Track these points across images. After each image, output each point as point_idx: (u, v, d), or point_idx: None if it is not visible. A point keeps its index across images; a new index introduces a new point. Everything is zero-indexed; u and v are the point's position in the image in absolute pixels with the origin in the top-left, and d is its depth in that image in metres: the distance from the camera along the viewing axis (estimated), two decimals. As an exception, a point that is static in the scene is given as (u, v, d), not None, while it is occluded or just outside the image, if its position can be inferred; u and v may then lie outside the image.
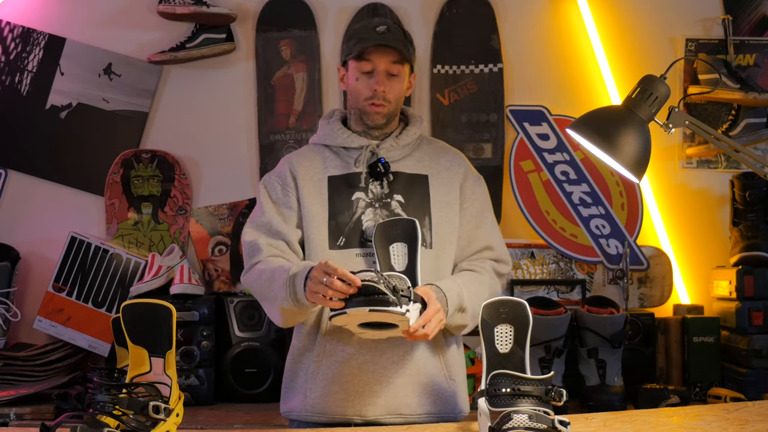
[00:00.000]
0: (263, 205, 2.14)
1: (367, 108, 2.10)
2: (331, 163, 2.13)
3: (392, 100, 2.10)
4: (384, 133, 2.15)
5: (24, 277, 3.14)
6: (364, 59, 2.07)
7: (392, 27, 2.10)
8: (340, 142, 2.14)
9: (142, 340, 1.65)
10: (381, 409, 2.01)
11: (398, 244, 1.99)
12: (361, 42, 2.07)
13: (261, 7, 3.27)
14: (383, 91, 2.07)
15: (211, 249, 3.23)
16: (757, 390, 2.84)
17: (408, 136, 2.15)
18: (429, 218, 2.09)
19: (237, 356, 2.99)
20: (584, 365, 2.88)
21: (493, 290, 2.11)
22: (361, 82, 2.09)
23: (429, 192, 2.11)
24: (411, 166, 2.13)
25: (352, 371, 2.02)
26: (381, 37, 2.05)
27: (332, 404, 2.02)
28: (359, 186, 2.08)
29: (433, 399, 2.05)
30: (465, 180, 2.17)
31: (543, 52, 3.30)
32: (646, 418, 1.87)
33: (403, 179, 2.10)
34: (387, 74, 2.08)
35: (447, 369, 2.08)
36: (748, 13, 3.28)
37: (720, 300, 3.12)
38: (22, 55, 3.23)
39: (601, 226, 3.22)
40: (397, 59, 2.07)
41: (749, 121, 3.20)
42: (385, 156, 2.10)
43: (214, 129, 3.28)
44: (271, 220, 2.10)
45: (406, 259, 1.98)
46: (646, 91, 1.85)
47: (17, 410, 2.69)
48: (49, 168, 3.23)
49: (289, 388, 2.11)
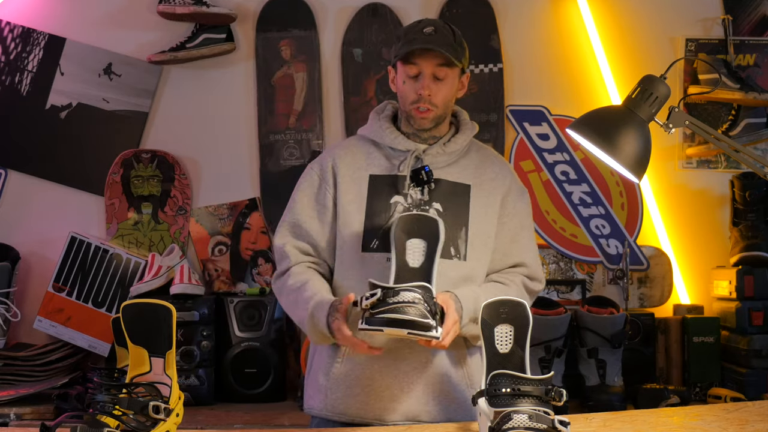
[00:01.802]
0: (297, 196, 2.12)
1: (413, 113, 2.06)
2: (375, 161, 2.10)
3: (439, 104, 2.05)
4: (432, 136, 2.10)
5: (24, 277, 3.14)
6: (411, 62, 2.03)
7: (440, 28, 2.04)
8: (387, 142, 2.09)
9: (142, 340, 1.65)
10: (400, 414, 2.00)
11: (416, 240, 1.92)
12: (408, 44, 2.02)
13: (261, 7, 3.27)
14: (428, 95, 2.03)
15: (211, 249, 3.23)
16: (757, 390, 2.84)
17: (456, 143, 2.10)
18: (466, 229, 2.04)
19: (237, 356, 2.98)
20: (584, 365, 2.88)
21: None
22: (407, 85, 2.05)
23: (469, 203, 2.07)
24: (455, 174, 2.09)
25: (373, 375, 2.00)
26: (427, 39, 2.01)
27: (352, 406, 2.01)
28: (400, 190, 2.05)
29: (454, 407, 2.03)
30: (508, 193, 2.12)
31: (543, 52, 3.30)
32: (646, 418, 1.87)
33: (445, 187, 2.06)
34: (433, 77, 2.03)
35: (469, 378, 2.05)
36: (748, 13, 3.28)
37: (720, 300, 3.12)
38: (22, 55, 3.23)
39: (601, 226, 3.22)
40: (443, 62, 2.02)
41: (749, 121, 3.20)
42: (431, 162, 2.06)
43: (214, 129, 3.28)
44: (300, 218, 2.09)
45: (423, 257, 1.92)
46: (646, 91, 1.85)
47: (17, 410, 2.69)
48: (49, 168, 3.23)
49: (311, 385, 2.10)
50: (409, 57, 2.02)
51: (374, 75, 3.26)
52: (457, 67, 2.06)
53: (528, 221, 2.16)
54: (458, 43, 2.05)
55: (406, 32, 2.06)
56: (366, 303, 1.74)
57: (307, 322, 1.98)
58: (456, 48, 2.04)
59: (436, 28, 2.03)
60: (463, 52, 2.07)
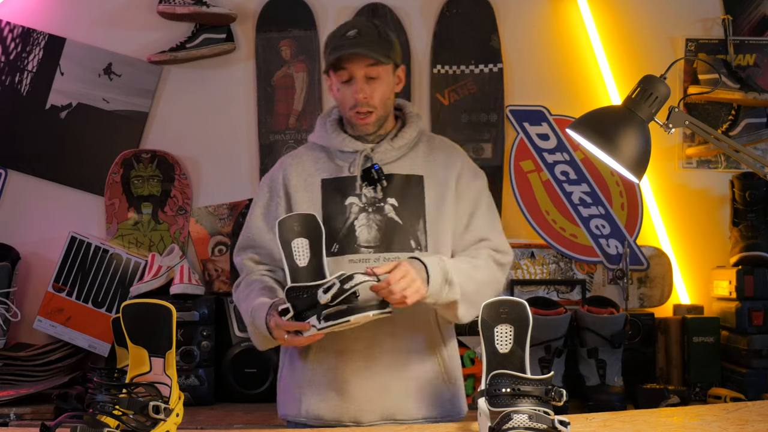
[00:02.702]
0: (250, 213, 2.16)
1: (354, 119, 2.06)
2: (325, 166, 2.10)
3: (377, 105, 2.04)
4: (378, 135, 2.10)
5: (24, 277, 3.14)
6: (341, 68, 2.02)
7: (364, 29, 2.02)
8: (335, 145, 2.10)
9: (142, 340, 1.65)
10: (376, 415, 2.00)
11: (300, 239, 1.93)
12: (334, 51, 2.01)
13: (261, 7, 3.27)
14: (364, 98, 2.01)
15: (211, 249, 3.23)
16: (757, 390, 2.84)
17: (404, 137, 2.10)
18: (423, 221, 2.04)
19: (237, 356, 2.99)
20: (584, 365, 2.88)
21: (492, 276, 2.05)
22: (342, 91, 2.04)
23: (424, 193, 2.06)
24: (406, 167, 2.08)
25: (347, 377, 2.00)
26: (351, 42, 1.99)
27: (328, 410, 2.01)
28: (353, 191, 2.04)
29: (430, 402, 2.03)
30: (461, 175, 2.11)
31: (543, 52, 3.30)
32: (646, 418, 1.87)
33: (398, 181, 2.06)
34: (366, 79, 2.01)
35: (446, 372, 2.06)
36: (748, 13, 3.28)
37: (720, 300, 3.12)
38: (22, 55, 3.23)
39: (601, 226, 3.22)
40: (372, 62, 2.01)
41: (749, 121, 3.20)
42: (380, 160, 2.06)
43: (214, 129, 3.28)
44: (252, 233, 2.13)
45: (309, 255, 1.93)
46: (646, 91, 1.85)
47: (17, 410, 2.69)
48: (49, 168, 3.23)
49: (285, 393, 2.11)
50: (337, 64, 2.01)
51: (374, 75, 3.25)
52: (389, 63, 2.04)
53: (485, 197, 2.13)
54: (384, 39, 2.03)
55: (331, 39, 2.05)
56: (326, 297, 1.74)
57: (249, 327, 2.00)
58: (383, 45, 2.02)
59: (359, 29, 2.01)
60: (392, 46, 2.05)
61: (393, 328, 1.99)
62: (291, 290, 1.83)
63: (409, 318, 1.99)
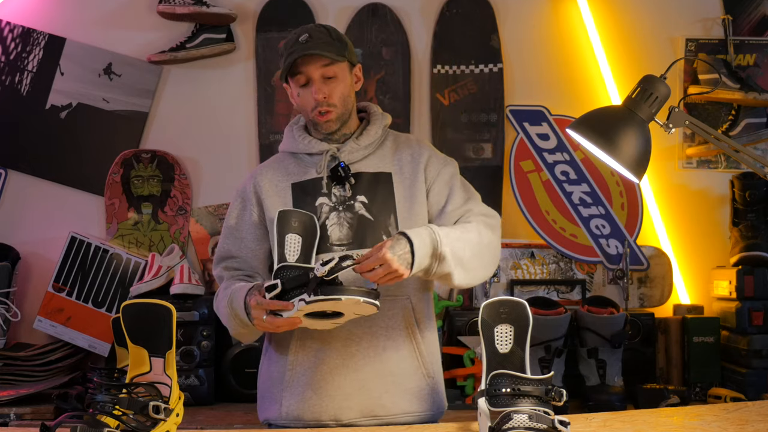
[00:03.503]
0: (225, 228, 2.16)
1: (316, 119, 2.07)
2: (294, 170, 2.12)
3: (338, 103, 2.06)
4: (344, 135, 2.11)
5: (24, 277, 3.14)
6: (297, 73, 2.05)
7: (314, 32, 2.05)
8: (302, 149, 2.12)
9: (142, 340, 1.65)
10: (355, 412, 2.00)
11: (294, 235, 1.94)
12: (289, 57, 2.04)
13: (261, 7, 3.27)
14: (323, 97, 2.04)
15: (211, 249, 3.23)
16: (757, 390, 2.84)
17: (369, 136, 2.11)
18: (395, 216, 2.05)
19: (237, 356, 2.99)
20: (584, 365, 2.88)
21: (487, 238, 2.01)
22: (302, 95, 2.07)
23: (393, 189, 2.07)
24: (374, 165, 2.09)
25: (324, 376, 2.01)
26: (304, 46, 2.02)
27: (307, 410, 2.01)
28: (322, 191, 2.06)
29: (409, 398, 2.03)
30: (428, 163, 2.11)
31: (543, 52, 3.30)
32: (646, 418, 1.87)
33: (366, 179, 2.07)
34: (323, 79, 2.04)
35: (425, 367, 2.06)
36: (748, 13, 3.28)
37: (720, 300, 3.12)
38: (22, 55, 3.23)
39: (601, 226, 3.22)
40: (327, 62, 2.03)
41: (749, 121, 3.20)
42: (347, 158, 2.07)
43: (214, 129, 3.28)
44: (227, 245, 2.12)
45: (299, 252, 1.94)
46: (646, 91, 1.85)
47: (17, 410, 2.69)
48: (49, 168, 3.23)
49: (264, 397, 2.10)
50: (293, 69, 2.04)
51: (374, 75, 3.26)
52: (343, 61, 2.06)
53: (458, 181, 2.12)
54: (336, 39, 2.06)
55: (285, 47, 2.08)
56: (324, 269, 1.74)
57: (226, 312, 1.98)
58: (335, 44, 2.05)
59: (310, 33, 2.04)
60: (345, 45, 2.08)
61: (370, 324, 2.00)
62: (282, 269, 1.84)
63: (387, 314, 2.00)
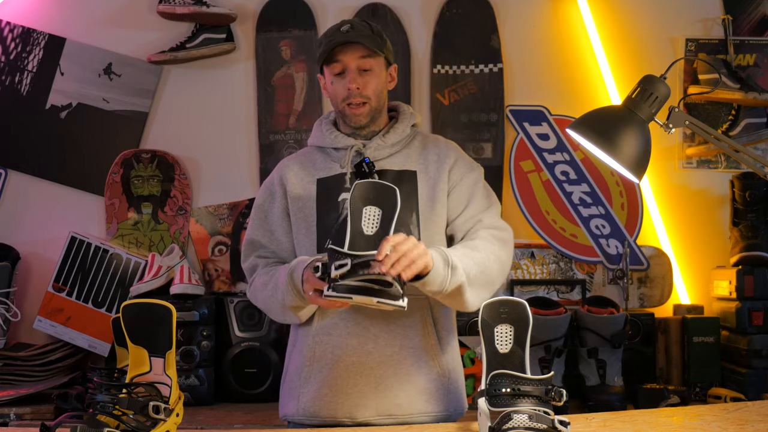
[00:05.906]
0: (252, 217, 2.18)
1: (346, 110, 2.07)
2: (321, 165, 2.12)
3: (371, 96, 2.06)
4: (372, 131, 2.11)
5: (24, 277, 3.14)
6: (334, 61, 2.05)
7: (357, 24, 2.06)
8: (328, 143, 2.12)
9: (142, 340, 1.65)
10: (371, 410, 2.00)
11: (372, 207, 1.89)
12: (328, 44, 2.04)
13: (261, 7, 3.28)
14: (357, 88, 2.04)
15: (211, 249, 3.23)
16: (757, 390, 2.84)
17: (396, 134, 2.11)
18: (417, 214, 2.05)
19: (237, 356, 2.99)
20: (584, 365, 2.88)
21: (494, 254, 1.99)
22: (335, 84, 2.07)
23: (417, 188, 2.06)
24: (399, 163, 2.09)
25: (340, 374, 2.01)
26: (345, 35, 2.02)
27: (323, 407, 2.01)
28: (345, 186, 2.05)
29: (426, 398, 2.02)
30: (454, 166, 2.11)
31: (543, 52, 3.31)
32: (646, 418, 1.87)
33: (391, 177, 2.06)
34: (359, 70, 2.05)
35: (441, 366, 2.05)
36: (748, 13, 3.28)
37: (720, 300, 3.12)
38: (22, 55, 3.23)
39: (601, 226, 3.22)
40: (365, 54, 2.04)
41: (749, 121, 3.20)
42: (372, 155, 2.07)
43: (214, 129, 3.28)
44: (256, 236, 2.14)
45: (378, 226, 1.88)
46: (646, 91, 1.85)
47: (17, 410, 2.69)
48: (49, 168, 3.23)
49: (285, 392, 2.11)
50: (331, 56, 2.04)
51: (374, 75, 3.25)
52: (381, 56, 2.07)
53: (481, 188, 2.12)
54: (377, 35, 2.07)
55: (325, 35, 2.09)
56: (336, 273, 1.72)
57: (286, 284, 1.94)
58: (375, 39, 2.05)
59: (353, 25, 2.06)
60: (384, 42, 2.08)
61: (387, 323, 2.00)
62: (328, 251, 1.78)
63: (404, 313, 1.98)
